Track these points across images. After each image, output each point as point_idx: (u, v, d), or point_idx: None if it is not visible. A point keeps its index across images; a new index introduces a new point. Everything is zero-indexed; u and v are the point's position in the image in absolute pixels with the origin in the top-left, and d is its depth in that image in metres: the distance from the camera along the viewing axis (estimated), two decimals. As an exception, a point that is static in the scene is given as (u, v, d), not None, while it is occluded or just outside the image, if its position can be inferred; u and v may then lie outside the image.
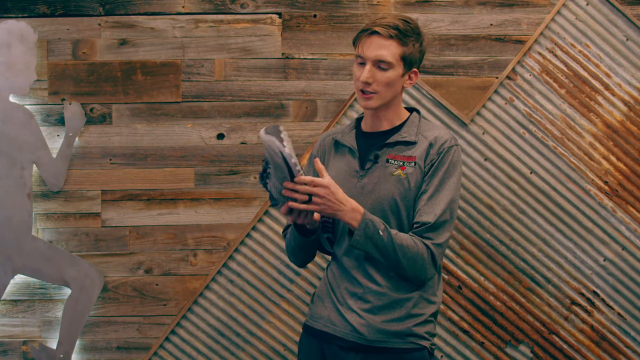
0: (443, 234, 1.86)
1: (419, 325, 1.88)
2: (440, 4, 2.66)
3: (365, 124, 1.99)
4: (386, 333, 1.86)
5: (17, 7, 2.63)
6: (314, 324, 1.96)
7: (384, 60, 1.84)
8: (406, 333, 1.87)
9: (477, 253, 2.63)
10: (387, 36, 1.84)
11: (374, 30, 1.85)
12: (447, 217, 1.86)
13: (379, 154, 1.91)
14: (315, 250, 2.03)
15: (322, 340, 1.93)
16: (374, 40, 1.85)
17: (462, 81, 2.66)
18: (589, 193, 2.62)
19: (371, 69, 1.85)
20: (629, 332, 2.63)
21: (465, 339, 2.63)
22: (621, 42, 2.63)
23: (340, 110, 2.63)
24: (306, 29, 2.66)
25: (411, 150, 1.89)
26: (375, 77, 1.86)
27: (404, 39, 1.85)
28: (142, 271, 2.66)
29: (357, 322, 1.87)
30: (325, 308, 1.94)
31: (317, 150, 2.07)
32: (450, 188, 1.86)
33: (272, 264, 2.64)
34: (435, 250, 1.84)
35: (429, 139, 1.90)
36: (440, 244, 1.85)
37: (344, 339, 1.88)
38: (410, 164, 1.88)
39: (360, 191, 1.90)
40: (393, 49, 1.85)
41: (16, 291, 2.64)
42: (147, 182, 2.65)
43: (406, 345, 1.87)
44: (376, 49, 1.85)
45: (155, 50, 2.65)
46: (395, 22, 1.85)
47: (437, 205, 1.85)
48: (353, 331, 1.87)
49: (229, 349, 2.64)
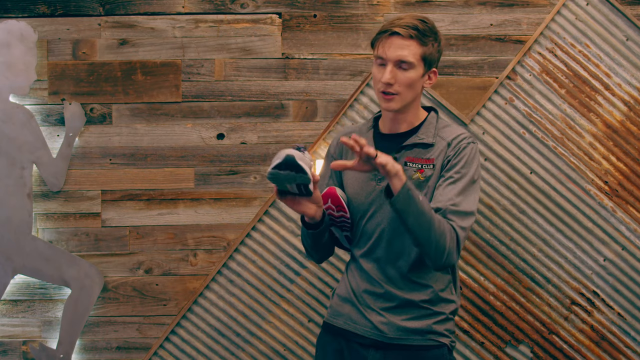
0: (465, 219, 1.82)
1: (439, 323, 1.90)
2: (440, 4, 2.66)
3: (384, 126, 1.97)
4: (406, 330, 1.87)
5: (17, 7, 2.63)
6: (334, 322, 1.97)
7: (406, 60, 1.84)
8: (426, 330, 1.88)
9: (477, 253, 2.63)
10: (407, 36, 1.83)
11: (394, 31, 1.84)
12: (465, 204, 1.82)
13: (397, 157, 1.90)
14: (330, 246, 2.02)
15: (341, 338, 1.94)
16: (395, 40, 1.84)
17: (462, 81, 2.66)
18: (589, 193, 2.62)
19: (392, 70, 1.84)
20: (629, 332, 2.63)
21: (465, 339, 2.63)
22: (621, 42, 2.63)
23: (340, 110, 2.63)
24: (306, 29, 2.66)
25: (429, 152, 1.88)
26: (397, 77, 1.85)
27: (423, 38, 1.85)
28: (142, 271, 2.66)
29: (378, 320, 1.89)
30: (345, 307, 1.95)
31: (334, 149, 2.05)
32: (467, 179, 1.84)
33: (272, 264, 2.64)
34: (460, 232, 1.80)
35: (446, 139, 1.89)
36: (464, 227, 1.81)
37: (364, 336, 1.90)
38: (428, 167, 1.87)
39: (380, 194, 1.89)
40: (414, 49, 1.84)
41: (16, 291, 2.64)
42: (147, 182, 2.65)
43: (426, 342, 1.88)
44: (397, 49, 1.84)
45: (155, 50, 2.65)
46: (414, 22, 1.85)
47: (453, 191, 1.82)
48: (373, 329, 1.89)
49: (229, 349, 2.64)
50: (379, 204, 1.89)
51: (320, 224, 1.88)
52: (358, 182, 1.94)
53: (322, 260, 2.07)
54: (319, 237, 1.92)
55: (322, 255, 2.04)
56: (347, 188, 1.98)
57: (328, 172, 2.05)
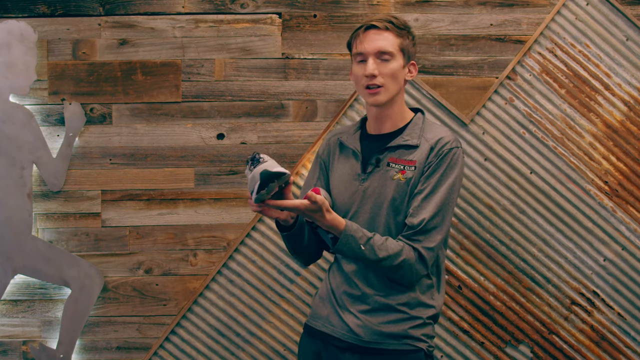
0: (434, 237, 1.85)
1: (416, 328, 1.88)
2: (440, 4, 2.66)
3: (369, 126, 1.99)
4: (382, 334, 1.87)
5: (17, 7, 2.63)
6: (313, 324, 1.97)
7: (386, 50, 1.87)
8: (402, 335, 1.87)
9: (477, 253, 2.63)
10: (384, 28, 1.88)
11: (371, 24, 1.89)
12: (438, 220, 1.84)
13: (380, 157, 1.90)
14: (314, 249, 2.03)
15: (320, 340, 1.94)
16: (372, 34, 1.88)
17: (462, 81, 2.66)
18: (589, 193, 2.62)
19: (374, 62, 1.87)
20: (629, 332, 2.63)
21: (465, 339, 2.63)
22: (621, 42, 2.63)
23: (340, 110, 2.63)
24: (306, 29, 2.66)
25: (412, 154, 1.89)
26: (379, 69, 1.87)
27: (399, 30, 1.89)
28: (142, 271, 2.66)
29: (354, 323, 1.88)
30: (325, 308, 1.95)
31: (323, 150, 2.08)
32: (444, 190, 1.85)
33: (272, 264, 2.64)
34: (426, 253, 1.84)
35: (430, 142, 1.89)
36: (431, 248, 1.84)
37: (340, 339, 1.89)
38: (410, 168, 1.87)
39: (362, 195, 1.90)
40: (392, 39, 1.88)
41: (16, 291, 2.64)
42: (147, 182, 2.65)
43: (402, 347, 1.87)
44: (376, 41, 1.87)
45: (155, 50, 2.65)
46: (387, 17, 1.91)
47: (428, 208, 1.84)
48: (349, 332, 1.88)
49: (229, 349, 2.64)
50: (359, 204, 1.90)
51: (293, 226, 1.90)
52: (342, 182, 1.95)
53: (308, 263, 2.08)
54: (295, 239, 1.93)
55: (306, 258, 2.05)
56: (333, 188, 2.00)
57: (316, 174, 2.06)
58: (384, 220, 1.88)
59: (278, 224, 1.92)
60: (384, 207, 1.87)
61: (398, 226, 1.88)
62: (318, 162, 2.07)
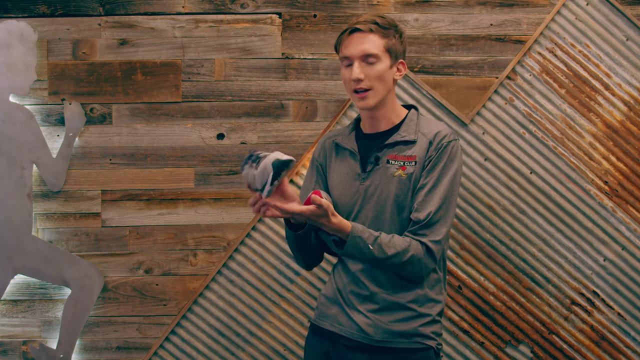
0: (439, 230, 1.85)
1: (426, 326, 1.89)
2: (440, 4, 2.66)
3: (364, 126, 1.98)
4: (392, 333, 1.87)
5: (17, 7, 2.63)
6: (320, 323, 1.97)
7: (370, 53, 1.86)
8: (412, 333, 1.87)
9: (477, 253, 2.63)
10: (367, 30, 1.86)
11: (354, 27, 1.87)
12: (442, 213, 1.85)
13: (379, 155, 1.90)
14: (318, 252, 2.03)
15: (328, 340, 1.93)
16: (356, 37, 1.87)
17: (462, 81, 2.66)
18: (589, 193, 2.62)
19: (360, 65, 1.86)
20: (629, 332, 2.63)
21: (465, 339, 2.63)
22: (621, 42, 2.63)
23: (340, 110, 2.63)
24: (306, 29, 2.66)
25: (411, 149, 1.89)
26: (365, 73, 1.86)
27: (384, 31, 1.88)
28: (142, 271, 2.66)
29: (364, 322, 1.88)
30: (332, 308, 1.95)
31: (318, 153, 2.07)
32: (446, 183, 1.86)
33: (272, 264, 2.64)
34: (433, 246, 1.84)
35: (428, 136, 1.89)
36: (437, 241, 1.85)
37: (350, 338, 1.89)
38: (410, 164, 1.88)
39: (364, 194, 1.90)
40: (376, 41, 1.87)
41: (16, 291, 2.64)
42: (147, 182, 2.65)
43: (412, 345, 1.87)
44: (360, 44, 1.86)
45: (155, 50, 2.65)
46: (372, 18, 1.89)
47: (432, 201, 1.84)
48: (359, 331, 1.88)
49: (229, 349, 2.64)
50: (362, 203, 1.90)
51: (305, 224, 1.89)
52: (343, 183, 1.95)
53: (311, 266, 2.08)
54: (305, 238, 1.93)
55: (310, 261, 2.05)
56: (333, 190, 1.99)
57: (314, 177, 2.05)
58: (388, 218, 1.88)
59: (288, 223, 1.91)
60: (388, 204, 1.87)
61: (403, 222, 1.88)
62: (314, 165, 2.06)
